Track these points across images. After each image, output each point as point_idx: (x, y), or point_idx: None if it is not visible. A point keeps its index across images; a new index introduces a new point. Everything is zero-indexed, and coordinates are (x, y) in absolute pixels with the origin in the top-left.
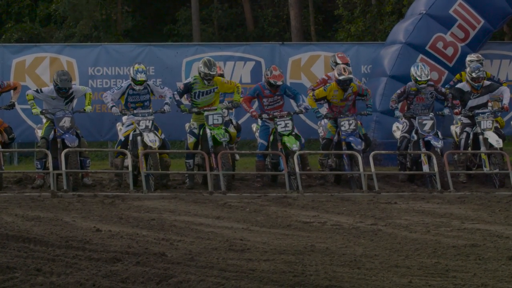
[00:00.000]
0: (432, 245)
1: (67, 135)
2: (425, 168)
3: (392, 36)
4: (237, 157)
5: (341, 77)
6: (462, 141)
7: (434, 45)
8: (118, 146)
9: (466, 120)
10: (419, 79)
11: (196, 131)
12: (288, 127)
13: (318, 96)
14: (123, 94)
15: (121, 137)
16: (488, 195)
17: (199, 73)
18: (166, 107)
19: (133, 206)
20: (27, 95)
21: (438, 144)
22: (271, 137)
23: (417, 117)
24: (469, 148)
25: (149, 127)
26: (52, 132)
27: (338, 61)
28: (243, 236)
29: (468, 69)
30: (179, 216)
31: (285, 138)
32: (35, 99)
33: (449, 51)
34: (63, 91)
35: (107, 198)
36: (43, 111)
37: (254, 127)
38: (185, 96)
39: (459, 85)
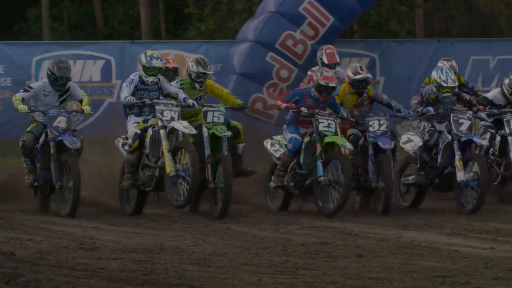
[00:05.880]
0: (282, 243)
1: (65, 136)
2: (460, 175)
3: (242, 34)
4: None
5: (357, 76)
6: (485, 142)
7: (284, 42)
8: (134, 143)
9: (487, 123)
10: (444, 84)
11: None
12: (332, 128)
13: None
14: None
15: (136, 130)
16: None
17: (189, 75)
18: (190, 101)
19: None
20: (15, 97)
21: (483, 142)
22: (306, 139)
23: (451, 115)
24: (496, 151)
25: (176, 119)
26: (43, 135)
27: (325, 60)
28: (92, 234)
29: (507, 81)
30: (29, 215)
31: (331, 138)
32: (23, 101)
33: (299, 48)
34: (60, 83)
35: None
36: (33, 107)
37: (268, 144)
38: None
39: (489, 96)
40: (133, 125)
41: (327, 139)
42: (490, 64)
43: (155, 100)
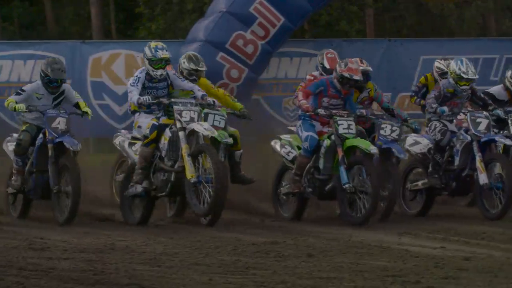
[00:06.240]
0: (232, 243)
1: (65, 138)
2: (483, 178)
3: (193, 34)
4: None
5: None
6: (510, 141)
7: (234, 43)
8: (152, 133)
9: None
10: (464, 76)
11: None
12: (352, 129)
13: None
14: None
15: (153, 122)
16: None
17: (181, 72)
18: (210, 99)
19: None
20: (8, 100)
21: (507, 141)
22: (326, 142)
23: (468, 114)
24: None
25: (195, 120)
26: (41, 135)
27: (327, 65)
28: (43, 234)
29: (509, 73)
30: None
31: (354, 141)
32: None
33: (249, 49)
34: (54, 85)
35: None
36: (31, 107)
37: (277, 144)
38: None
39: (492, 90)
40: (147, 119)
41: (349, 143)
42: None
43: (172, 100)
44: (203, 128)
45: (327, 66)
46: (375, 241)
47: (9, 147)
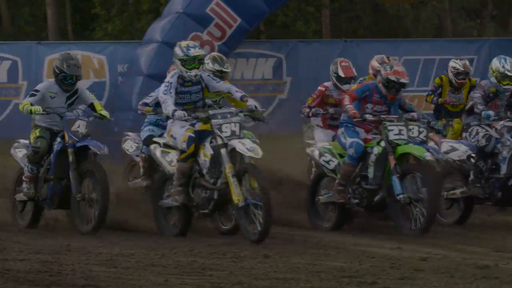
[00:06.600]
0: (189, 244)
1: (89, 142)
2: None
3: (149, 35)
4: None
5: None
6: None
7: None
8: (190, 147)
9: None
10: (509, 74)
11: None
12: (403, 134)
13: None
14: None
15: (189, 134)
16: None
17: None
18: (251, 103)
19: None
20: (22, 103)
21: None
22: (377, 149)
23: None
24: None
25: (237, 133)
26: (59, 140)
27: (341, 73)
28: None
29: None
30: None
31: (406, 148)
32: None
33: (206, 50)
34: (69, 82)
35: None
36: (48, 109)
37: (315, 153)
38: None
39: None
40: (182, 129)
41: (401, 150)
42: None
43: (210, 113)
44: (245, 148)
45: (342, 75)
46: (331, 242)
47: (18, 153)
